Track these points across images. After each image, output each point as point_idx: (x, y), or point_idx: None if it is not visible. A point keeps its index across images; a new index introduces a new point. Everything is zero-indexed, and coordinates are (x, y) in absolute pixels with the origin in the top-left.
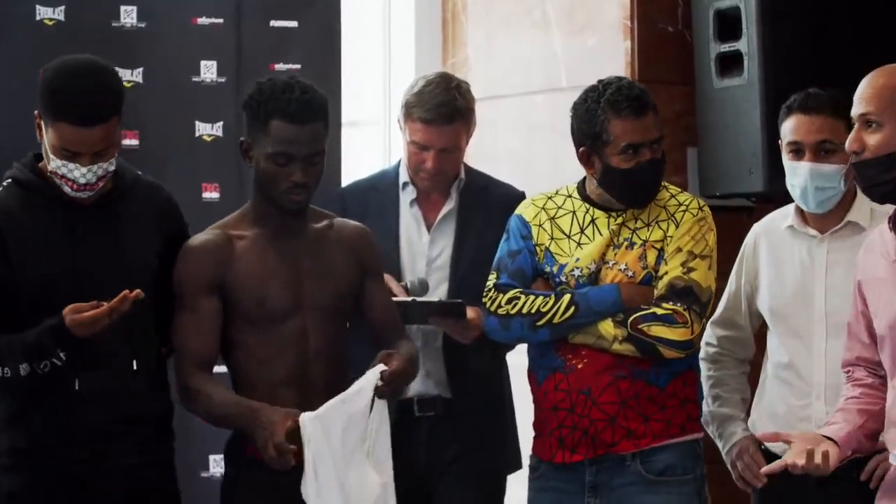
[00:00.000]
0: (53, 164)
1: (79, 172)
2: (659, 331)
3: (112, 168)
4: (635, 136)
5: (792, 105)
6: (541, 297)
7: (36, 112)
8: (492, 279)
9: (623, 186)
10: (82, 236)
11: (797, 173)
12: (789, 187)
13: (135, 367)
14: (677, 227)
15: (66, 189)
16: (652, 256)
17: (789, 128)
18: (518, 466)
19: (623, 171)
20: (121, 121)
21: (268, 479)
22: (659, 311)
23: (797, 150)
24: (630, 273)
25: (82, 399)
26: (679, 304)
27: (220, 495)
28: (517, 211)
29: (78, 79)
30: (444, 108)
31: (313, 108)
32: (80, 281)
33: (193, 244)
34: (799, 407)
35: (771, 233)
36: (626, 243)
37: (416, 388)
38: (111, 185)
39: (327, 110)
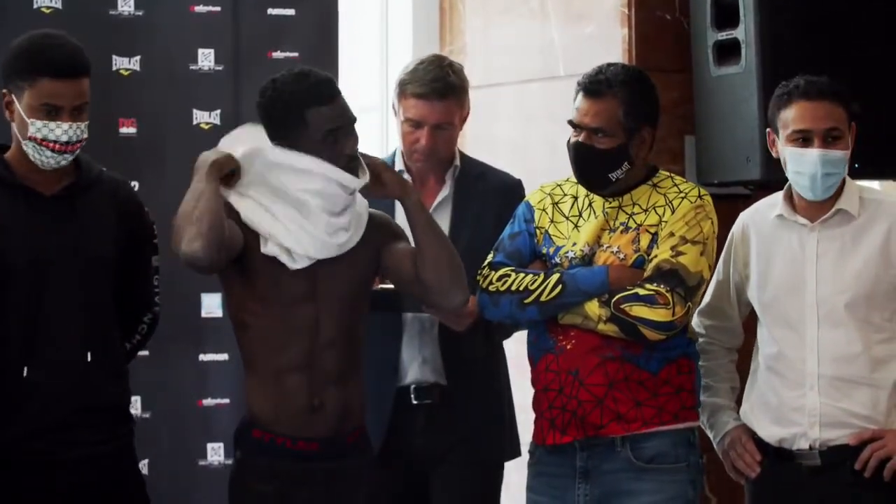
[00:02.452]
0: (32, 128)
1: (60, 130)
2: (640, 311)
3: (85, 135)
4: (577, 114)
5: (792, 92)
6: (530, 275)
7: (4, 91)
8: (489, 258)
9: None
10: (43, 227)
11: (805, 161)
12: (793, 175)
13: (88, 360)
14: (673, 212)
15: (46, 156)
16: (645, 240)
17: (794, 116)
18: (517, 454)
19: (567, 145)
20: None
21: (274, 464)
22: (641, 292)
23: (805, 139)
24: (622, 255)
25: (34, 389)
26: (662, 286)
27: (228, 480)
28: (526, 197)
29: (52, 38)
30: (437, 83)
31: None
32: (38, 271)
33: None
34: (792, 398)
35: (758, 222)
36: (621, 227)
37: (413, 375)
38: (74, 178)
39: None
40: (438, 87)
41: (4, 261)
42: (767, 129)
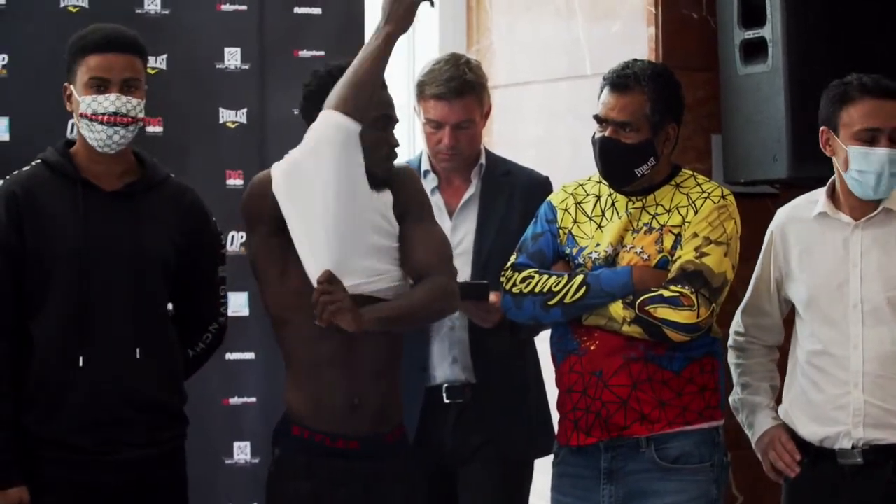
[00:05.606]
0: (83, 105)
1: (108, 101)
2: (664, 313)
3: (141, 115)
4: (603, 109)
5: (858, 89)
6: (553, 277)
7: (65, 85)
8: (512, 259)
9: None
10: (97, 220)
11: (872, 160)
12: (856, 174)
13: (138, 356)
14: (696, 213)
15: (97, 131)
16: (669, 241)
17: (861, 113)
18: (550, 451)
19: (592, 140)
20: (145, 67)
21: (312, 462)
22: (666, 294)
23: (872, 138)
24: (645, 256)
25: (83, 381)
26: (687, 288)
27: (253, 479)
28: (549, 197)
29: (101, 25)
30: (453, 82)
31: None
32: (88, 263)
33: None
34: (837, 396)
35: (799, 219)
36: (644, 228)
37: (444, 374)
38: (137, 177)
39: None
40: (455, 86)
41: (52, 250)
42: (822, 128)
